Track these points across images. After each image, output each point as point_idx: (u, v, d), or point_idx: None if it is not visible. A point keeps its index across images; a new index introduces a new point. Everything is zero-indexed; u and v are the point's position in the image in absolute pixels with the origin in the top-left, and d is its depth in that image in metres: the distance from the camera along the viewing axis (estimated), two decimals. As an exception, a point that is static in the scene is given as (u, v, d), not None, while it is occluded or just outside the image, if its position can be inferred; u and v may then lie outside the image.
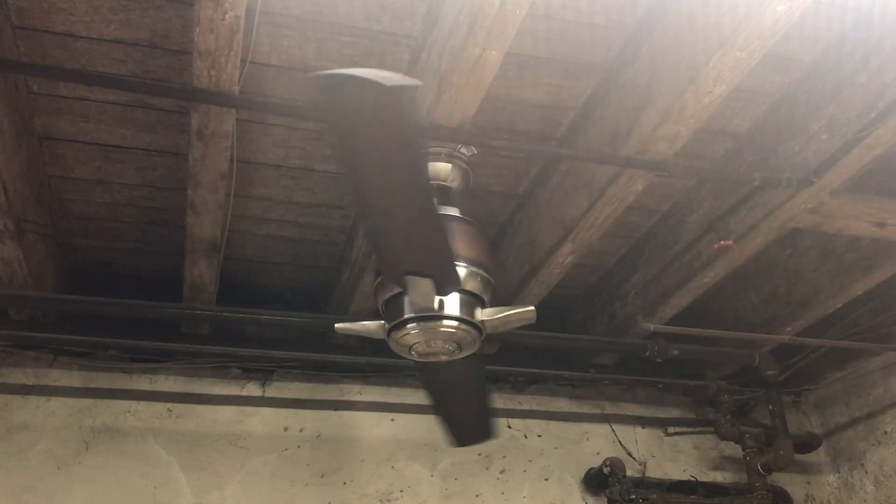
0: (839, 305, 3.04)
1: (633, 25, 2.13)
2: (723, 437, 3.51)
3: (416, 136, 1.56)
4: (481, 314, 2.00)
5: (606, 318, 3.31)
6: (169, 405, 3.17)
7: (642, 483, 3.48)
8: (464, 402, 2.47)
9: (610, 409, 3.68)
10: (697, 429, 3.72)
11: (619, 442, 3.61)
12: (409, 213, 1.68)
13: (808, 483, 3.74)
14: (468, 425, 2.60)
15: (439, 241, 1.78)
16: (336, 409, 3.32)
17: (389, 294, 2.01)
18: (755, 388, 3.56)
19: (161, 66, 2.16)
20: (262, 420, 3.23)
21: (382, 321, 2.03)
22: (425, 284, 1.86)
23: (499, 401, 3.53)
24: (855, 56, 2.14)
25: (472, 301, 2.01)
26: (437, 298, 1.93)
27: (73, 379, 3.11)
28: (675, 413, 3.77)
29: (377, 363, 3.19)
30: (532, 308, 1.97)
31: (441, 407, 2.51)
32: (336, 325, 2.13)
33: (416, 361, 2.13)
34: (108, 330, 2.99)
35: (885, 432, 3.51)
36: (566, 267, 2.77)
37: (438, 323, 1.97)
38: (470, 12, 1.78)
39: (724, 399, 3.48)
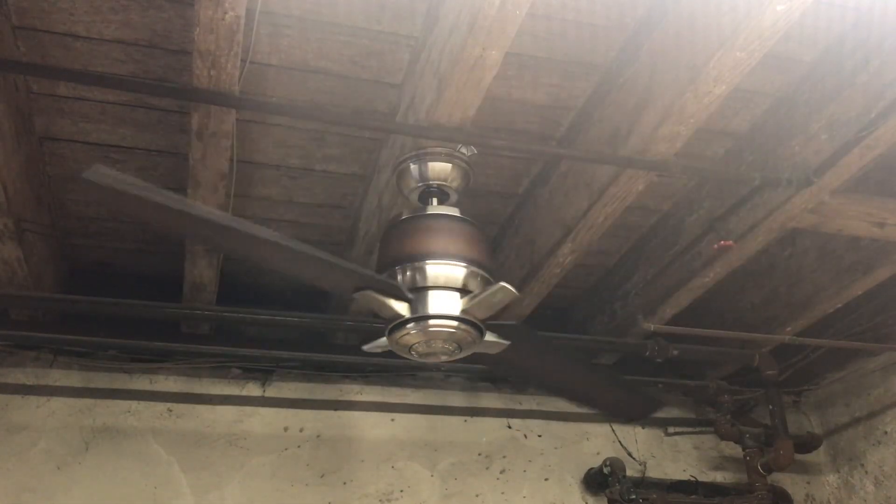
0: (839, 305, 3.04)
1: (633, 25, 2.13)
2: (723, 437, 3.51)
3: None
4: (460, 305, 1.97)
5: (606, 318, 3.31)
6: (169, 405, 3.17)
7: (642, 483, 3.48)
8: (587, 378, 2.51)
9: (610, 409, 3.68)
10: (697, 429, 3.71)
11: (619, 442, 3.61)
12: None
13: (808, 483, 3.74)
14: (622, 399, 2.63)
15: None
16: (336, 409, 3.32)
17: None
18: (755, 388, 3.56)
19: (161, 66, 2.16)
20: (262, 420, 3.23)
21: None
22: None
23: (499, 401, 3.53)
24: (855, 56, 2.14)
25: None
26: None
27: (73, 379, 3.11)
28: (675, 413, 3.76)
29: (377, 363, 3.19)
30: (504, 284, 1.89)
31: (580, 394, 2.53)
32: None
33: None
34: (108, 330, 2.99)
35: (885, 432, 3.51)
36: (566, 267, 2.77)
37: (438, 323, 1.97)
38: (470, 12, 1.78)
39: (724, 399, 3.48)
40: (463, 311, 1.96)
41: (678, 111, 2.06)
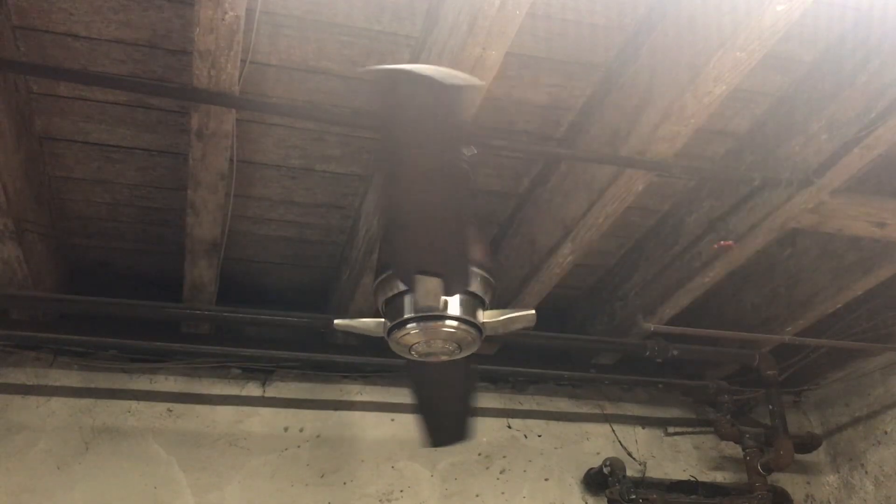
0: (839, 305, 3.04)
1: (633, 25, 2.13)
2: (723, 437, 3.51)
3: (461, 138, 1.54)
4: (483, 316, 2.00)
5: (606, 318, 3.31)
6: (169, 405, 3.17)
7: (642, 483, 3.48)
8: (448, 403, 2.45)
9: (610, 409, 3.68)
10: (697, 429, 3.72)
11: (619, 442, 3.61)
12: (439, 213, 1.67)
13: (808, 483, 3.74)
14: (446, 426, 2.57)
15: (459, 244, 1.77)
16: (336, 409, 3.32)
17: (390, 294, 2.01)
18: (755, 388, 3.56)
19: (161, 66, 2.16)
20: (262, 420, 3.23)
21: (381, 319, 2.02)
22: (434, 284, 1.85)
23: (499, 401, 3.53)
24: (855, 56, 2.14)
25: (472, 301, 2.01)
26: (441, 299, 1.93)
27: (73, 379, 3.11)
28: (675, 413, 3.77)
29: (377, 363, 3.19)
30: (532, 312, 1.95)
31: (424, 406, 2.49)
32: (335, 322, 2.10)
33: (409, 361, 2.12)
34: (108, 330, 2.99)
35: (885, 432, 3.51)
36: (566, 267, 2.77)
37: (439, 323, 1.97)
38: (470, 12, 1.78)
39: (724, 399, 3.48)
40: (482, 322, 1.97)
41: (678, 111, 2.06)
